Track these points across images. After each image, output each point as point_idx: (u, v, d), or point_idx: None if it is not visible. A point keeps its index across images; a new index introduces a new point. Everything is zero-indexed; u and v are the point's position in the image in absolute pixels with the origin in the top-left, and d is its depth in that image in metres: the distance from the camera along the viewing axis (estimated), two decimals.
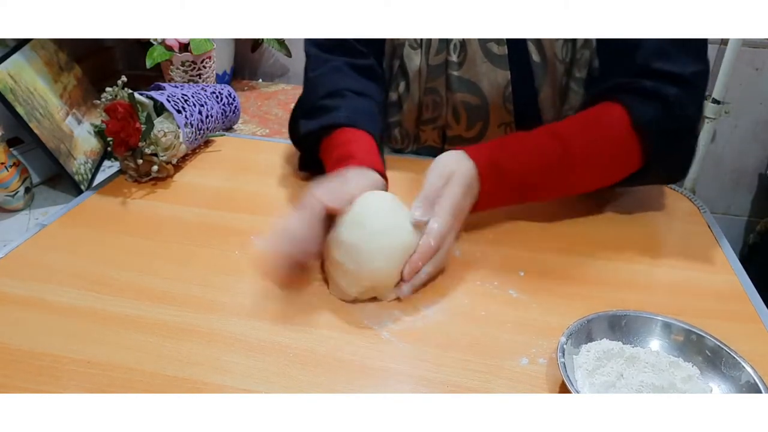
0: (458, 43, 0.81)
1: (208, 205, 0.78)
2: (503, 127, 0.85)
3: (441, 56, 0.82)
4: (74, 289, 0.62)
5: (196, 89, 0.93)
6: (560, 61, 0.79)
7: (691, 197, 0.83)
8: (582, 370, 0.52)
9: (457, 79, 0.82)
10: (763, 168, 1.41)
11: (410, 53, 0.83)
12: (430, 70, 0.83)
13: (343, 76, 0.80)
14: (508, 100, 0.82)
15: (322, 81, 0.79)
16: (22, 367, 0.53)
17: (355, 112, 0.75)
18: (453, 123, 0.86)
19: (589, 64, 0.78)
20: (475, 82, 0.82)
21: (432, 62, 0.82)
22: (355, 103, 0.76)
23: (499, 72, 0.81)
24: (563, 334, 0.53)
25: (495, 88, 0.82)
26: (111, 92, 0.79)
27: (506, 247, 0.71)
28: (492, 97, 0.82)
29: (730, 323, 0.59)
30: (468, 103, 0.83)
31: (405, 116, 0.88)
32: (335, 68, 0.80)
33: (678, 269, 0.68)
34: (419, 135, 0.90)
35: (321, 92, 0.77)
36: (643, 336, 0.55)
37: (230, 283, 0.64)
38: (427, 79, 0.83)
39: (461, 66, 0.81)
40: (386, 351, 0.55)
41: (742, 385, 0.49)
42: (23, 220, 0.89)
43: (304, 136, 0.78)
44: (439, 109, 0.85)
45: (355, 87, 0.78)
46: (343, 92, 0.77)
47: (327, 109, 0.75)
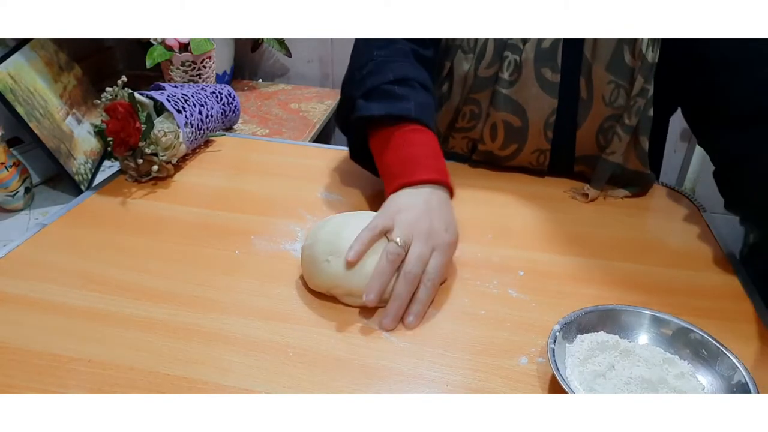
0: (513, 61, 0.78)
1: (208, 205, 0.78)
2: (537, 154, 0.83)
3: (491, 70, 0.79)
4: (74, 289, 0.62)
5: (196, 89, 0.93)
6: (607, 104, 0.76)
7: (691, 197, 0.83)
8: (574, 358, 0.52)
9: (505, 98, 0.79)
10: None
11: (461, 57, 0.80)
12: (477, 81, 0.80)
13: (411, 63, 0.75)
14: (549, 128, 0.80)
15: (388, 63, 0.74)
16: (23, 366, 0.53)
17: (422, 107, 0.71)
18: (488, 139, 0.84)
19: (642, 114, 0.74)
20: (521, 104, 0.79)
21: (481, 73, 0.80)
22: (422, 98, 0.72)
23: (547, 99, 0.78)
24: (557, 322, 0.54)
25: (539, 114, 0.79)
26: (111, 92, 0.79)
27: (506, 247, 0.71)
28: (534, 122, 0.80)
29: (729, 323, 0.59)
30: (509, 124, 0.81)
31: (440, 117, 0.85)
32: (402, 52, 0.76)
33: (678, 269, 0.68)
34: (448, 139, 0.88)
35: (388, 75, 0.72)
36: (639, 331, 0.55)
37: (230, 283, 0.64)
38: (472, 88, 0.81)
39: (512, 85, 0.79)
40: (386, 351, 0.56)
41: (734, 385, 0.50)
42: (23, 220, 0.89)
43: (364, 118, 0.71)
44: (476, 121, 0.83)
45: (421, 78, 0.74)
46: (412, 82, 0.72)
47: (394, 96, 0.71)
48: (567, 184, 0.84)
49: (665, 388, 0.50)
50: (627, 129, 0.76)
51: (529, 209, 0.78)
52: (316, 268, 0.60)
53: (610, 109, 0.76)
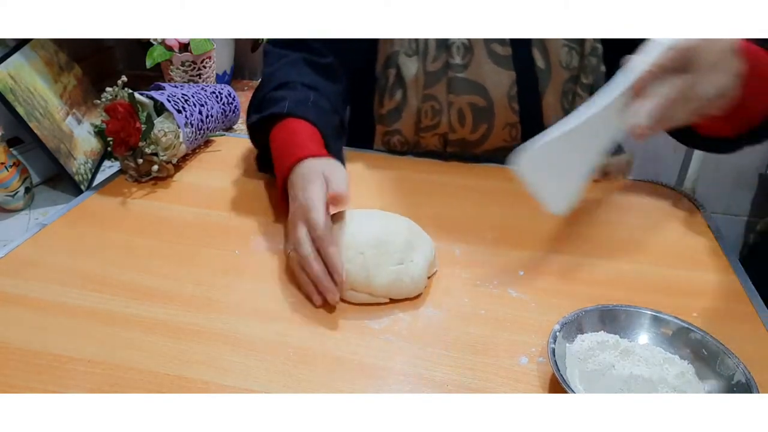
0: (461, 45, 0.80)
1: (208, 205, 0.78)
2: (508, 128, 0.85)
3: (439, 62, 0.82)
4: (74, 289, 0.62)
5: (196, 89, 0.93)
6: (564, 67, 0.79)
7: (691, 197, 0.83)
8: (574, 358, 0.52)
9: (462, 81, 0.82)
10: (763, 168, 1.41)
11: (406, 61, 0.83)
12: (428, 77, 0.83)
13: (297, 69, 0.79)
14: (514, 100, 0.82)
15: (275, 74, 0.78)
16: (22, 366, 0.53)
17: (297, 103, 0.73)
18: (457, 126, 0.85)
19: (597, 71, 0.78)
20: (480, 83, 0.82)
21: (429, 69, 0.82)
22: (300, 95, 0.74)
23: (503, 72, 0.81)
24: (557, 322, 0.54)
25: (501, 88, 0.82)
26: (111, 92, 0.79)
27: (506, 247, 0.71)
28: (498, 98, 0.82)
29: (729, 323, 0.59)
30: (474, 105, 0.83)
31: (404, 124, 0.87)
32: (290, 62, 0.79)
33: (678, 269, 0.68)
34: (419, 142, 0.89)
35: (272, 85, 0.76)
36: (639, 331, 0.55)
37: (230, 283, 0.64)
38: (425, 86, 0.83)
39: (466, 68, 0.81)
40: (386, 351, 0.55)
41: (734, 385, 0.50)
42: (23, 220, 0.89)
43: (249, 129, 0.77)
44: (439, 115, 0.85)
45: (307, 80, 0.77)
46: (292, 84, 0.75)
47: (273, 100, 0.74)
48: None
49: (665, 388, 0.50)
50: (585, 88, 0.80)
51: (528, 209, 0.78)
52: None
53: (568, 72, 0.80)
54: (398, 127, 0.87)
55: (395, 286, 0.60)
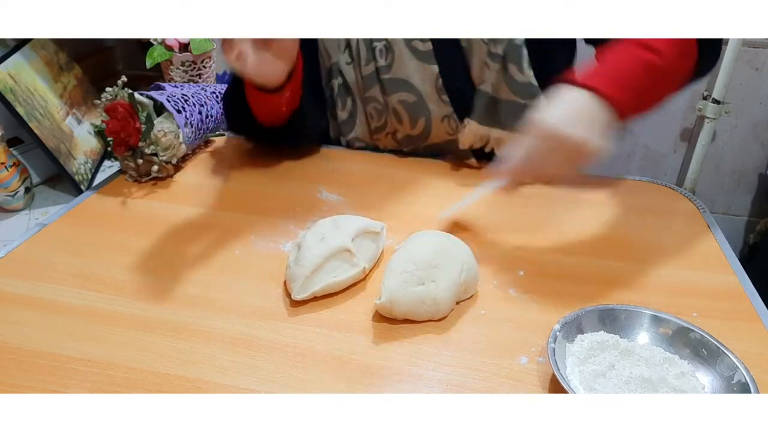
0: (383, 47, 0.84)
1: (208, 205, 0.78)
2: (446, 120, 0.87)
3: (371, 65, 0.85)
4: (74, 289, 0.62)
5: (196, 89, 0.93)
6: (485, 42, 0.81)
7: (691, 197, 0.83)
8: (574, 357, 0.52)
9: (389, 81, 0.85)
10: (763, 168, 1.41)
11: (347, 70, 0.87)
12: (365, 80, 0.86)
13: None
14: (442, 92, 0.84)
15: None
16: (23, 366, 0.53)
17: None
18: (397, 125, 0.89)
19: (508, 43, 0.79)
20: (406, 80, 0.85)
21: (364, 73, 0.86)
22: None
23: (426, 67, 0.83)
24: (558, 322, 0.54)
25: (426, 83, 0.84)
26: (111, 92, 0.79)
27: (506, 247, 0.71)
28: (426, 91, 0.85)
29: (729, 323, 0.59)
30: (405, 102, 0.86)
31: (359, 130, 0.91)
32: None
33: (678, 269, 0.68)
34: (377, 144, 0.93)
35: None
36: (639, 331, 0.55)
37: (230, 283, 0.64)
38: (365, 89, 0.87)
39: (390, 68, 0.84)
40: (386, 351, 0.55)
41: (734, 384, 0.50)
42: (23, 220, 0.89)
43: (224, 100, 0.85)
44: (383, 115, 0.89)
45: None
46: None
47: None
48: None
49: (665, 388, 0.50)
50: (493, 57, 0.80)
51: (528, 209, 0.78)
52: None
53: (486, 47, 0.81)
54: (356, 134, 0.92)
55: (416, 308, 0.58)
